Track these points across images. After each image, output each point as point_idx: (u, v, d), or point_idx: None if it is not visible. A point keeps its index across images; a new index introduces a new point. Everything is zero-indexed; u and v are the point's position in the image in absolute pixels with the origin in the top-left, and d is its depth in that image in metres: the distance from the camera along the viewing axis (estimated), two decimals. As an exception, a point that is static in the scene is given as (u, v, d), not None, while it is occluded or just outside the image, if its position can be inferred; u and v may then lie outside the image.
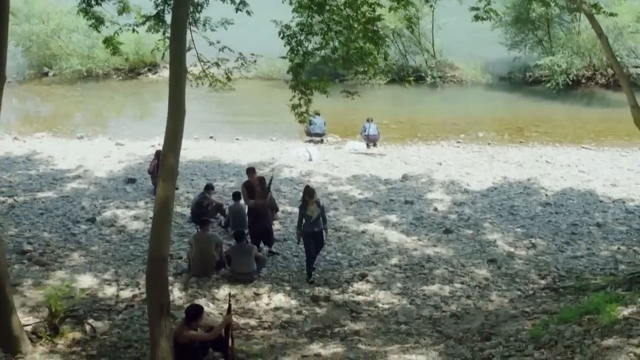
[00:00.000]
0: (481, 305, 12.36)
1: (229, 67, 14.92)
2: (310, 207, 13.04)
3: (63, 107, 27.74)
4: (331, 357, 10.21)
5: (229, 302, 9.61)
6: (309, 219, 13.06)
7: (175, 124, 9.16)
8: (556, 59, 30.03)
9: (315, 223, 13.12)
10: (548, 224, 16.52)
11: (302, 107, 15.06)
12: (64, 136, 24.24)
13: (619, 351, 8.91)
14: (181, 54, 9.25)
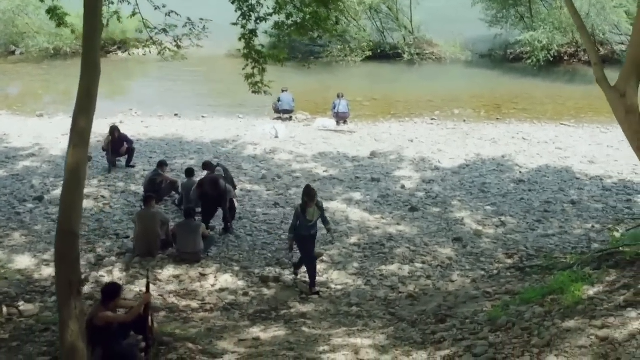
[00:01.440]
0: (441, 285, 11.57)
1: (178, 35, 13.89)
2: (309, 209, 11.46)
3: (26, 85, 26.74)
4: (270, 340, 9.38)
5: (147, 280, 8.72)
6: (309, 223, 11.51)
7: (88, 82, 8.22)
8: (537, 35, 29.11)
9: (314, 226, 11.67)
10: (520, 202, 15.73)
11: (256, 77, 14.18)
12: (23, 114, 23.25)
13: (579, 333, 8.13)
14: (96, 5, 8.28)
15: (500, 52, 31.79)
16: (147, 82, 29.78)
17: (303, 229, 11.48)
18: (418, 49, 31.09)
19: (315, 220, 11.54)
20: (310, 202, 11.45)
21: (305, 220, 11.44)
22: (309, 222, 11.47)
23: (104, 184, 16.56)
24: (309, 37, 14.28)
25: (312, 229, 11.60)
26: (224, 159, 18.40)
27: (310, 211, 11.45)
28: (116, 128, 17.81)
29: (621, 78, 8.01)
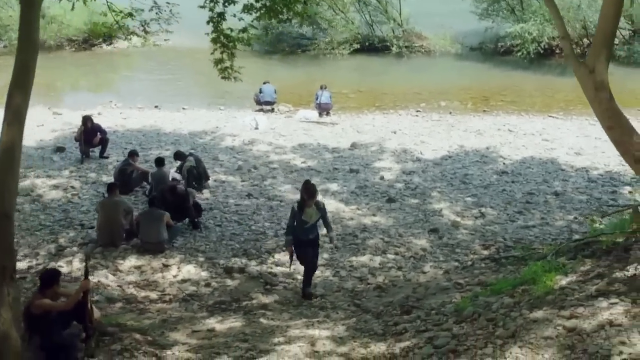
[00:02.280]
0: (412, 277, 11.09)
1: (146, 19, 13.40)
2: (307, 209, 10.06)
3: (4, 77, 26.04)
4: (225, 332, 8.91)
5: (85, 266, 8.24)
6: (305, 224, 10.08)
7: (26, 58, 7.73)
8: (527, 27, 28.60)
9: (312, 229, 10.21)
10: (502, 193, 15.27)
11: (225, 62, 13.76)
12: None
13: (547, 324, 7.64)
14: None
15: (490, 45, 31.28)
16: (130, 75, 29.30)
17: (299, 232, 10.12)
18: (407, 42, 30.60)
19: (313, 223, 10.17)
20: (308, 200, 10.05)
21: (301, 222, 10.06)
22: (305, 223, 10.08)
23: (75, 174, 16.11)
24: (278, 20, 13.73)
25: (310, 233, 10.18)
26: (201, 150, 17.96)
27: (309, 211, 10.08)
28: (89, 118, 17.34)
29: (591, 53, 7.56)
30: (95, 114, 21.30)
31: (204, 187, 15.14)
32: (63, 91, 23.65)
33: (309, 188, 10.19)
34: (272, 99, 22.09)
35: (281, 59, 29.53)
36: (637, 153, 7.63)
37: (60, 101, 20.63)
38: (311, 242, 10.25)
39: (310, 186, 10.26)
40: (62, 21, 30.19)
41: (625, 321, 7.30)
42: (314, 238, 10.29)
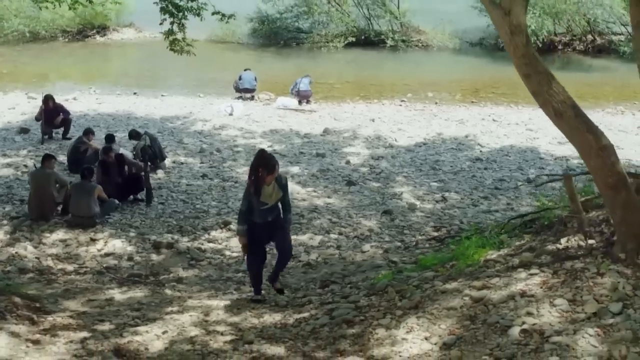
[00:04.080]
0: (348, 255, 10.40)
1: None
2: (266, 187, 7.79)
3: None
4: (123, 301, 8.36)
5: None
6: (262, 206, 7.85)
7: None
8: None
9: (272, 210, 7.99)
10: (472, 179, 14.53)
11: (176, 34, 13.17)
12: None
13: (455, 295, 7.02)
14: None
15: (491, 41, 30.40)
16: (119, 65, 28.92)
17: (256, 215, 7.90)
18: (404, 36, 29.86)
19: (274, 204, 7.97)
20: (268, 176, 7.75)
21: (259, 204, 7.85)
22: (263, 205, 7.86)
23: (32, 154, 15.58)
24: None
25: (268, 215, 7.95)
26: (167, 134, 17.43)
27: (267, 190, 7.80)
28: (50, 97, 16.80)
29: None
30: (70, 98, 20.89)
31: (159, 167, 14.52)
32: (46, 79, 23.22)
33: (265, 159, 7.86)
34: (251, 86, 21.43)
35: (275, 52, 28.98)
36: (557, 105, 6.83)
37: (40, 87, 20.15)
38: (271, 225, 8.00)
39: (268, 156, 7.94)
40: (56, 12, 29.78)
41: (540, 292, 6.64)
42: (273, 220, 8.01)
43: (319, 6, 30.79)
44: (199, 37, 29.87)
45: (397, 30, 30.63)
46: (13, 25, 29.88)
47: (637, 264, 6.84)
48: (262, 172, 7.76)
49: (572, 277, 6.85)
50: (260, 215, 7.94)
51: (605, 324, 5.91)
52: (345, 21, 30.27)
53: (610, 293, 6.36)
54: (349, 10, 30.86)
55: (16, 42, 29.92)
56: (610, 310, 6.09)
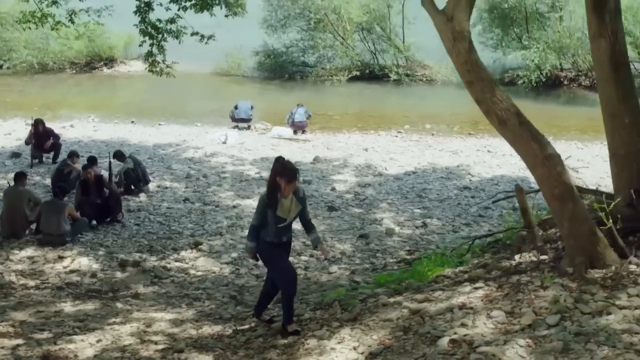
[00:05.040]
0: (314, 275, 10.27)
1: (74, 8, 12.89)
2: (284, 200, 6.90)
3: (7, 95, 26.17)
4: (71, 313, 8.28)
5: None
6: (279, 223, 6.93)
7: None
8: (528, 54, 27.63)
9: (288, 229, 7.13)
10: (457, 207, 14.33)
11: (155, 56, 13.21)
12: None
13: (395, 307, 6.86)
14: None
15: (496, 76, 30.32)
16: (122, 96, 29.15)
17: (271, 233, 6.93)
18: (409, 70, 29.88)
19: (292, 221, 7.11)
20: (288, 186, 6.85)
21: (276, 220, 6.89)
22: (280, 222, 6.92)
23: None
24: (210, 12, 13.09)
25: (283, 234, 7.04)
26: (158, 160, 17.41)
27: (285, 203, 6.90)
28: (40, 121, 16.88)
29: (450, 0, 6.71)
30: (67, 125, 21.03)
31: (142, 190, 14.47)
32: (48, 107, 23.40)
33: (285, 166, 6.86)
34: (247, 115, 21.42)
35: (279, 84, 29.11)
36: (500, 112, 6.71)
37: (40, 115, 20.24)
38: (284, 246, 7.14)
39: (287, 163, 6.94)
40: (64, 44, 30.23)
41: (480, 304, 6.48)
42: (287, 241, 7.18)
43: (324, 40, 30.96)
44: (205, 70, 30.36)
45: (401, 65, 30.68)
46: (21, 56, 30.30)
47: (585, 277, 6.63)
48: (280, 181, 6.82)
49: (515, 290, 6.67)
50: (275, 234, 6.92)
51: (538, 335, 5.72)
52: (350, 55, 30.38)
53: (550, 306, 6.18)
54: (354, 44, 31.00)
55: (24, 73, 30.31)
56: (546, 322, 5.91)
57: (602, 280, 6.55)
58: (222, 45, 30.70)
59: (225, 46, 30.66)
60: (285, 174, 6.79)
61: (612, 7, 7.54)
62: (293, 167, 6.94)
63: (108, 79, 30.39)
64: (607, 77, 7.67)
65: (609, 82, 7.68)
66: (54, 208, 11.43)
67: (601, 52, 7.61)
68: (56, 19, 12.89)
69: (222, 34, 33.54)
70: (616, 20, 7.59)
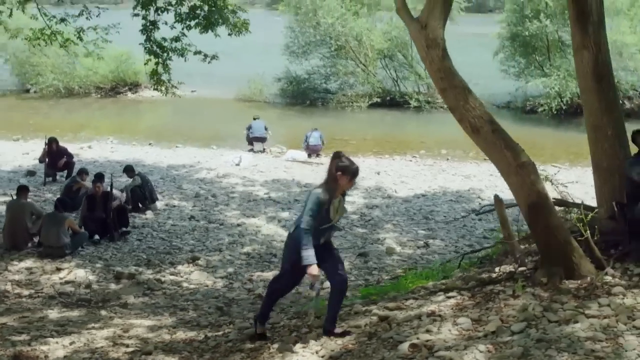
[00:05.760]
0: (304, 290, 10.12)
1: (82, 26, 13.13)
2: (334, 201, 6.36)
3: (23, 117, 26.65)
4: (55, 319, 8.33)
5: None
6: (324, 223, 6.35)
7: None
8: (548, 81, 27.46)
9: (329, 231, 6.53)
10: (462, 229, 14.22)
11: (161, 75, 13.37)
12: (1, 138, 23.01)
13: (366, 314, 6.84)
14: None
15: (518, 104, 30.20)
16: (144, 119, 29.55)
17: (320, 234, 6.37)
18: (429, 97, 29.84)
19: (335, 223, 6.58)
20: (349, 184, 6.49)
21: (322, 220, 6.31)
22: (326, 222, 6.37)
23: (31, 194, 15.72)
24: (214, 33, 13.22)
25: (325, 235, 6.48)
26: (170, 180, 17.54)
27: (335, 203, 6.39)
28: (54, 140, 17.17)
29: (424, 8, 6.76)
30: (85, 147, 21.35)
31: (149, 208, 14.60)
32: (69, 129, 23.78)
33: (353, 164, 6.41)
34: (262, 134, 21.45)
35: (300, 110, 29.29)
36: (473, 120, 6.69)
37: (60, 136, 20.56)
38: (323, 249, 6.46)
39: (347, 158, 6.44)
40: (90, 69, 30.80)
41: (449, 312, 6.46)
42: (326, 241, 6.57)
43: (345, 67, 31.14)
44: (227, 96, 30.70)
45: (422, 92, 30.67)
46: (47, 81, 30.89)
47: (558, 288, 6.54)
48: (342, 178, 6.31)
49: (486, 299, 6.63)
50: (317, 236, 6.31)
51: (500, 341, 5.66)
52: (371, 82, 30.47)
53: (518, 314, 6.12)
54: (375, 71, 31.11)
55: (51, 97, 30.88)
56: (511, 329, 5.86)
57: (576, 291, 6.46)
58: (246, 71, 31.28)
59: (248, 73, 31.07)
60: (349, 171, 6.34)
61: (595, 19, 7.54)
62: (356, 165, 6.45)
63: (132, 103, 30.85)
64: (590, 88, 7.65)
65: (592, 94, 7.65)
66: (54, 220, 11.58)
67: (584, 63, 7.60)
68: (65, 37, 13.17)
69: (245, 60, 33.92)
70: (599, 32, 7.58)
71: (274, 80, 31.38)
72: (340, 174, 6.29)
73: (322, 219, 6.29)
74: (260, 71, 31.11)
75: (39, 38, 12.98)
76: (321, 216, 6.26)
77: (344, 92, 30.88)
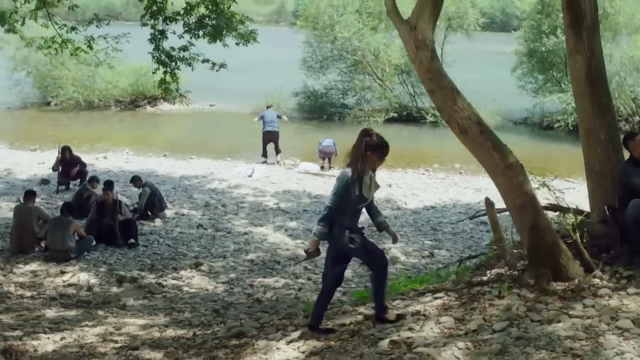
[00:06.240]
0: (303, 295, 10.26)
1: (92, 35, 13.30)
2: (365, 178, 6.27)
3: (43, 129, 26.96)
4: (51, 318, 8.43)
5: None
6: (360, 202, 6.34)
7: None
8: (565, 97, 27.30)
9: (361, 212, 6.54)
10: (469, 240, 14.21)
11: (170, 84, 13.51)
12: (19, 149, 23.36)
13: (350, 315, 6.88)
14: None
15: (535, 120, 30.06)
16: (161, 132, 29.80)
17: (348, 217, 6.32)
18: (446, 113, 29.75)
19: (370, 201, 6.47)
20: (378, 160, 6.31)
21: (357, 199, 6.25)
22: (362, 202, 6.32)
23: (44, 201, 15.98)
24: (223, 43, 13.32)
25: (358, 216, 6.47)
26: (181, 190, 17.71)
27: (367, 182, 6.26)
28: (67, 148, 17.38)
29: (414, 10, 6.83)
30: (100, 157, 21.58)
31: (158, 216, 14.73)
32: (86, 140, 24.04)
33: (384, 141, 6.28)
34: (273, 128, 21.11)
35: (317, 124, 29.38)
36: (461, 121, 6.71)
37: (77, 147, 20.83)
38: (361, 232, 6.54)
39: (376, 134, 6.29)
40: (110, 82, 31.18)
41: (434, 312, 6.52)
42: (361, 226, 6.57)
43: (362, 82, 31.22)
44: (245, 110, 30.86)
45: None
46: (68, 93, 31.27)
47: (545, 289, 6.52)
48: (371, 156, 6.21)
49: (472, 300, 6.63)
50: (352, 217, 6.31)
51: (480, 339, 5.68)
52: (388, 97, 30.51)
53: (501, 313, 6.13)
54: (392, 86, 31.13)
55: (71, 110, 31.24)
56: (493, 327, 5.85)
57: (562, 292, 6.44)
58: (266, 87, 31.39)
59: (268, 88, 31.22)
60: (378, 150, 6.21)
61: (589, 23, 7.56)
62: (387, 143, 6.29)
63: (151, 116, 31.12)
64: (583, 92, 7.67)
65: (585, 98, 7.66)
66: (59, 225, 11.73)
67: (578, 67, 7.62)
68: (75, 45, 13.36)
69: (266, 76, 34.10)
70: (593, 36, 7.60)
71: (292, 95, 31.51)
72: (369, 153, 6.19)
73: (358, 198, 6.21)
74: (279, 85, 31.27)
75: (50, 47, 13.16)
76: (354, 196, 6.18)
77: (361, 107, 30.92)
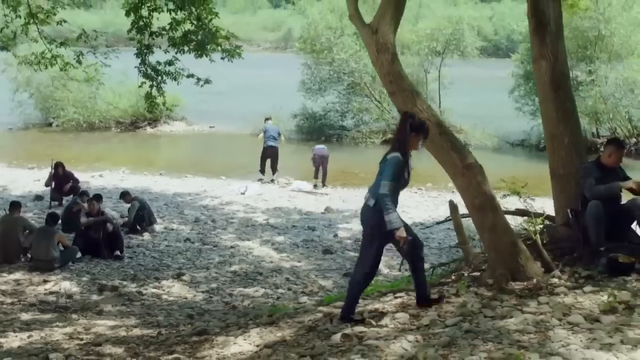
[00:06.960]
0: (280, 303, 10.29)
1: (81, 49, 13.53)
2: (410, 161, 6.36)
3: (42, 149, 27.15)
4: (26, 320, 8.46)
5: None
6: (404, 187, 6.40)
7: None
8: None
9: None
10: (455, 254, 14.09)
11: (156, 98, 13.70)
12: (17, 167, 23.57)
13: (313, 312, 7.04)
14: None
15: (532, 142, 30.13)
16: (160, 152, 29.99)
17: (395, 200, 6.24)
18: (443, 134, 29.84)
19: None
20: (421, 140, 6.33)
21: (404, 182, 6.33)
22: (405, 185, 6.38)
23: (36, 216, 16.12)
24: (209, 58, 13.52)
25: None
26: (174, 206, 17.82)
27: (411, 164, 6.40)
28: (60, 164, 17.54)
29: (376, 14, 6.99)
30: (96, 175, 21.75)
31: (147, 230, 14.84)
32: (84, 160, 24.22)
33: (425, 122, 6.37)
34: (275, 143, 21.45)
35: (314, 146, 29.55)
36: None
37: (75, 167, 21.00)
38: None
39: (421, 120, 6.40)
40: (110, 103, 31.49)
41: (391, 309, 6.58)
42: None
43: (359, 103, 31.37)
44: (244, 131, 31.05)
45: (435, 129, 30.69)
46: (68, 114, 31.53)
47: (504, 289, 6.59)
48: (416, 138, 6.25)
49: (430, 298, 6.66)
50: (396, 201, 6.20)
51: (431, 332, 5.75)
52: (385, 119, 30.65)
53: (456, 310, 6.20)
54: (390, 108, 31.27)
55: (71, 130, 31.47)
56: (445, 323, 5.91)
57: (520, 291, 6.51)
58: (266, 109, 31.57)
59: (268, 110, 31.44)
60: (423, 131, 6.28)
61: (553, 29, 7.70)
62: (427, 123, 6.39)
63: (151, 137, 31.32)
64: (547, 97, 7.79)
65: (549, 103, 7.78)
66: (44, 235, 11.86)
67: (542, 73, 7.74)
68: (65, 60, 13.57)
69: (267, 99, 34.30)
70: (557, 42, 7.73)
71: (290, 117, 31.71)
72: (414, 135, 6.25)
73: (405, 182, 6.30)
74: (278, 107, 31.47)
75: (40, 62, 13.38)
76: (403, 179, 6.23)
77: (359, 129, 31.08)
